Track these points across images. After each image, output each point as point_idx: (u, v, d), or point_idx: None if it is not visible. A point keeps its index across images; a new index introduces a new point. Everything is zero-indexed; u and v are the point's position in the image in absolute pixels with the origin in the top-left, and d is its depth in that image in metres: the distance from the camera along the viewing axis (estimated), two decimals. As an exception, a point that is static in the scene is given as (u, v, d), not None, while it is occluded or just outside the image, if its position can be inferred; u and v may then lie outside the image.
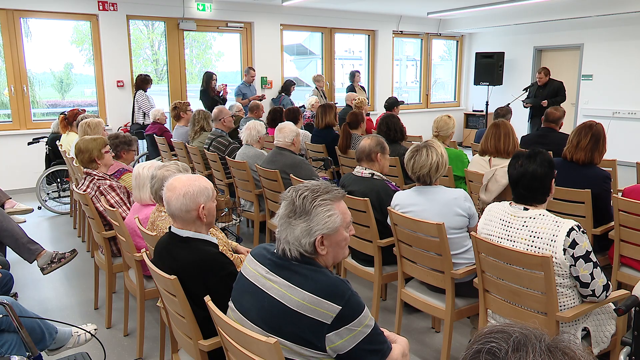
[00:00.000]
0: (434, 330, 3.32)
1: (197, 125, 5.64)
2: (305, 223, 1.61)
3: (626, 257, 3.13)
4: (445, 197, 2.77)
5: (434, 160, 2.79)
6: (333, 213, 1.64)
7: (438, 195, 2.79)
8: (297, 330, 1.55)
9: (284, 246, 1.63)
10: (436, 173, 2.81)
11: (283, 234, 1.64)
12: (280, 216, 1.65)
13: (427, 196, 2.82)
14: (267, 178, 4.19)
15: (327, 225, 1.62)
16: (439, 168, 2.81)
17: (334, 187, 1.71)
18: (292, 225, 1.61)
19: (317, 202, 1.62)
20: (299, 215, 1.62)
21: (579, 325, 2.25)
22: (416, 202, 2.83)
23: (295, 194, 1.64)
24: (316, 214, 1.61)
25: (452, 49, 11.97)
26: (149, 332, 3.23)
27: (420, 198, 2.83)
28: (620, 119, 8.99)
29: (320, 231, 1.61)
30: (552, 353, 0.76)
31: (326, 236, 1.63)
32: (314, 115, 6.98)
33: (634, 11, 7.88)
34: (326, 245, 1.64)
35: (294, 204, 1.63)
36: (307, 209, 1.62)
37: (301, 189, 1.66)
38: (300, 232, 1.60)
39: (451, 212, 2.72)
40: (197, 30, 8.47)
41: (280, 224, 1.65)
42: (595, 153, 3.34)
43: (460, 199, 2.74)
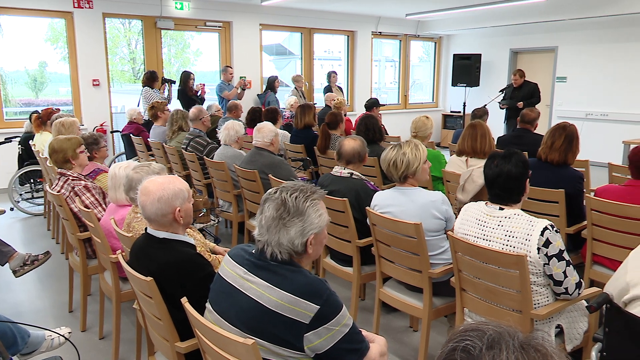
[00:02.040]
0: (412, 330, 3.35)
1: (175, 125, 5.58)
2: (301, 223, 1.60)
3: (598, 255, 3.20)
4: (423, 199, 2.79)
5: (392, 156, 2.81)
6: (322, 212, 1.66)
7: (416, 197, 2.81)
8: (276, 331, 1.55)
9: (273, 250, 1.61)
10: (395, 170, 2.81)
11: (273, 236, 1.60)
12: (269, 218, 1.61)
13: (405, 197, 2.83)
14: (246, 178, 4.17)
15: (319, 225, 1.64)
16: (398, 165, 2.80)
17: (316, 187, 1.71)
18: (287, 226, 1.60)
19: (309, 202, 1.63)
20: (293, 215, 1.60)
21: (553, 323, 2.29)
22: (395, 203, 2.85)
23: (287, 194, 1.63)
24: (309, 214, 1.62)
25: (430, 50, 12.09)
26: (125, 334, 3.19)
27: (398, 199, 2.85)
28: (593, 120, 9.20)
29: (312, 231, 1.62)
30: (524, 350, 0.77)
31: (315, 235, 1.63)
32: (293, 116, 6.97)
33: (606, 15, 8.07)
34: (313, 244, 1.64)
35: (286, 205, 1.61)
36: (300, 209, 1.61)
37: (290, 189, 1.65)
38: (295, 232, 1.60)
39: (428, 214, 2.74)
40: (175, 29, 8.38)
41: (269, 225, 1.61)
42: (568, 154, 3.41)
43: (438, 202, 2.76)
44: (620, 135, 7.70)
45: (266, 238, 1.62)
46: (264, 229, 1.62)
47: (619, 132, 8.45)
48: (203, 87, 7.91)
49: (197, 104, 7.02)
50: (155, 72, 7.51)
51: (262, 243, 1.63)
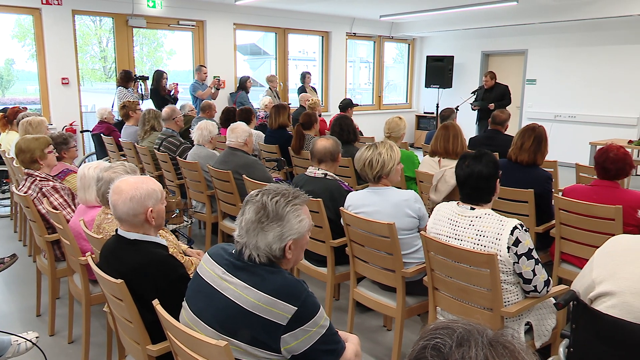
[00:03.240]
0: (386, 329, 3.38)
1: (147, 124, 5.50)
2: (279, 228, 1.59)
3: (566, 253, 3.28)
4: (396, 198, 2.82)
5: (367, 156, 2.84)
6: (303, 218, 1.64)
7: (389, 197, 2.83)
8: (252, 332, 1.54)
9: (251, 252, 1.60)
10: (370, 169, 2.84)
11: (252, 239, 1.59)
12: (248, 220, 1.60)
13: (379, 197, 2.86)
14: (219, 179, 4.14)
15: (298, 230, 1.62)
16: (374, 165, 2.83)
17: (300, 191, 1.70)
18: (265, 231, 1.58)
19: (290, 207, 1.61)
20: (271, 220, 1.59)
21: (522, 320, 2.34)
22: (368, 203, 2.86)
23: (267, 198, 1.62)
24: (289, 220, 1.60)
25: (404, 51, 12.21)
26: (95, 338, 3.12)
27: (372, 199, 2.87)
28: (561, 122, 9.43)
29: (291, 236, 1.61)
30: (493, 347, 0.79)
31: (295, 241, 1.62)
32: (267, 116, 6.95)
33: (574, 19, 8.28)
34: (292, 249, 1.63)
35: (266, 209, 1.60)
36: (280, 214, 1.60)
37: (271, 193, 1.64)
38: (272, 237, 1.59)
39: (402, 213, 2.77)
40: (147, 28, 8.26)
41: (248, 228, 1.60)
42: (537, 154, 3.49)
43: (411, 201, 2.79)
44: (587, 137, 7.91)
45: (245, 240, 1.61)
46: (244, 230, 1.61)
47: (586, 133, 8.69)
48: (176, 86, 7.82)
49: (170, 103, 6.94)
50: (130, 72, 7.39)
51: (241, 245, 1.62)
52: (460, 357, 0.77)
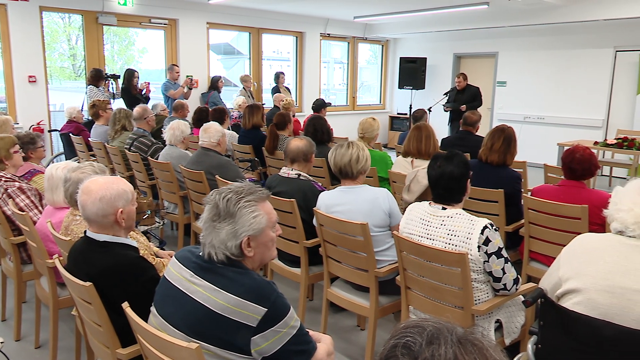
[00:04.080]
0: (360, 328, 3.39)
1: (117, 124, 5.40)
2: (231, 226, 1.59)
3: (535, 252, 3.35)
4: (368, 195, 2.85)
5: (354, 152, 2.91)
6: (258, 214, 1.63)
7: (361, 195, 2.86)
8: (222, 334, 1.53)
9: (209, 250, 1.60)
10: (357, 164, 2.90)
11: (208, 238, 1.60)
12: (205, 220, 1.62)
13: (353, 195, 2.88)
14: (192, 179, 4.10)
15: (253, 227, 1.61)
16: (360, 160, 2.91)
17: (258, 187, 1.70)
18: (217, 229, 1.59)
19: (242, 203, 1.61)
20: (223, 218, 1.59)
21: (492, 318, 2.38)
22: (341, 202, 2.88)
23: (219, 196, 1.62)
24: (241, 216, 1.60)
25: (378, 53, 12.29)
26: (63, 342, 3.05)
27: (344, 197, 2.88)
28: (531, 123, 9.63)
29: (246, 233, 1.60)
30: (462, 344, 0.80)
31: (252, 237, 1.62)
32: (241, 116, 6.90)
33: (543, 23, 8.47)
34: (253, 246, 1.62)
35: (218, 207, 1.60)
36: (231, 211, 1.60)
37: (224, 191, 1.64)
38: (225, 235, 1.58)
39: (374, 210, 2.80)
40: (118, 26, 8.11)
41: (205, 227, 1.62)
42: (507, 155, 3.56)
43: (382, 197, 2.83)
44: (555, 138, 8.10)
45: (204, 240, 1.63)
46: (203, 230, 1.64)
47: (554, 134, 8.89)
48: (148, 85, 7.70)
49: (142, 102, 6.83)
50: (101, 70, 7.24)
51: (203, 244, 1.64)
52: (430, 355, 0.78)
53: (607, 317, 1.71)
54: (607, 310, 1.72)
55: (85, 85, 7.38)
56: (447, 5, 8.20)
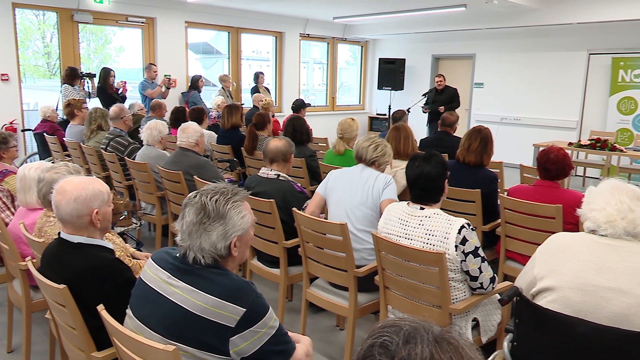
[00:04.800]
0: (339, 328, 3.40)
1: (93, 124, 5.32)
2: (222, 227, 1.58)
3: (511, 251, 3.40)
4: (370, 174, 3.03)
5: (374, 141, 3.16)
6: (245, 214, 1.64)
7: (364, 172, 3.05)
8: (201, 336, 1.52)
9: (195, 254, 1.58)
10: (373, 152, 3.11)
11: (195, 241, 1.57)
12: (189, 223, 1.59)
13: (355, 171, 3.09)
14: (170, 180, 4.05)
15: (242, 227, 1.62)
16: (377, 150, 3.13)
17: (238, 188, 1.70)
18: (208, 231, 1.57)
19: (230, 204, 1.61)
20: (213, 219, 1.58)
21: (470, 316, 2.41)
22: (346, 173, 3.10)
23: (206, 198, 1.60)
24: (230, 217, 1.60)
25: (357, 53, 12.34)
26: (37, 347, 2.99)
27: (348, 171, 3.10)
28: (507, 124, 9.78)
29: (235, 233, 1.60)
30: (438, 343, 0.81)
31: (239, 237, 1.62)
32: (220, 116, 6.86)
33: (519, 26, 8.61)
34: (238, 246, 1.63)
35: (206, 209, 1.58)
36: (221, 212, 1.59)
37: (210, 192, 1.63)
38: (216, 236, 1.57)
39: (367, 184, 2.98)
40: (94, 24, 7.97)
41: (190, 231, 1.58)
42: (484, 155, 3.60)
43: (381, 178, 3.00)
44: (531, 139, 8.23)
45: (188, 243, 1.59)
46: (186, 234, 1.60)
47: (530, 135, 9.04)
48: (124, 84, 7.59)
49: (118, 102, 6.73)
50: (76, 69, 7.11)
51: (185, 248, 1.60)
52: (406, 354, 0.79)
53: (580, 315, 1.75)
54: (581, 307, 1.75)
55: (60, 83, 7.24)
56: (425, 7, 8.28)
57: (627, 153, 6.80)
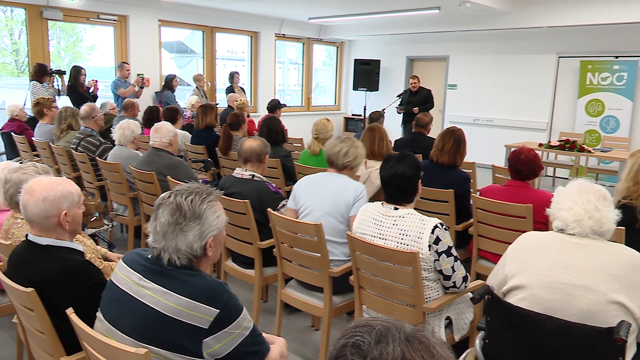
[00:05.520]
0: (314, 329, 3.40)
1: (63, 123, 5.20)
2: (198, 227, 1.57)
3: (483, 250, 3.46)
4: (340, 183, 2.98)
5: (344, 145, 3.07)
6: (220, 213, 1.64)
7: (335, 181, 3.00)
8: (173, 338, 1.50)
9: (170, 256, 1.56)
10: (343, 157, 3.05)
11: (171, 242, 1.55)
12: (164, 224, 1.56)
13: (326, 179, 3.04)
14: (143, 180, 3.99)
15: (217, 226, 1.62)
16: (348, 155, 3.05)
17: (211, 187, 1.69)
18: (185, 231, 1.56)
19: (205, 204, 1.60)
20: (189, 219, 1.57)
21: (443, 315, 2.44)
22: (316, 182, 3.04)
23: (181, 198, 1.59)
24: (206, 217, 1.59)
25: (333, 54, 12.37)
26: (4, 352, 2.91)
27: (320, 179, 3.06)
28: (480, 125, 9.94)
29: (211, 233, 1.60)
30: (409, 342, 0.82)
31: (214, 237, 1.61)
32: (194, 116, 6.79)
33: (491, 29, 8.77)
34: (213, 246, 1.62)
35: (182, 209, 1.57)
36: (197, 212, 1.58)
37: (184, 192, 1.61)
38: (193, 237, 1.56)
39: (338, 197, 2.92)
40: (64, 21, 7.80)
41: (165, 232, 1.56)
42: (457, 156, 3.65)
43: (352, 189, 2.93)
44: (503, 140, 8.38)
45: (162, 245, 1.57)
46: (160, 235, 1.57)
47: (502, 136, 9.19)
48: (96, 83, 7.45)
49: (89, 101, 6.59)
50: (45, 66, 6.94)
51: (159, 250, 1.58)
52: (378, 354, 0.80)
53: (549, 312, 1.79)
54: (550, 305, 1.79)
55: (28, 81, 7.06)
56: (399, 9, 8.35)
57: (595, 154, 6.99)
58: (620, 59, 8.19)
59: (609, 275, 1.74)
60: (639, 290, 1.74)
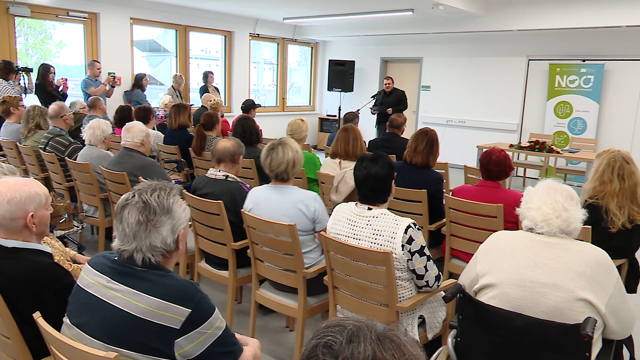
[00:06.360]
0: (288, 329, 3.39)
1: (31, 122, 5.07)
2: (170, 221, 1.58)
3: (456, 249, 3.50)
4: (294, 198, 2.86)
5: (290, 157, 2.89)
6: (185, 206, 1.65)
7: (287, 196, 2.87)
8: (144, 339, 1.48)
9: (144, 255, 1.54)
10: (293, 169, 2.91)
11: (144, 241, 1.54)
12: (134, 224, 1.54)
13: (279, 195, 2.88)
14: (114, 181, 3.93)
15: (186, 218, 1.64)
16: (296, 164, 2.91)
17: (170, 183, 1.70)
18: (157, 227, 1.55)
19: (172, 198, 1.61)
20: (160, 215, 1.56)
21: (416, 314, 2.46)
22: (268, 201, 2.88)
23: (147, 195, 1.58)
24: (175, 210, 1.60)
25: (307, 55, 12.37)
26: (-32, 358, 2.82)
27: (271, 196, 2.89)
28: (453, 126, 10.08)
29: (181, 226, 1.61)
30: (380, 341, 0.83)
31: (183, 230, 1.63)
32: (167, 115, 6.70)
33: (463, 31, 8.90)
34: (182, 239, 1.63)
35: (150, 206, 1.56)
36: (166, 207, 1.58)
37: (148, 190, 1.60)
38: (166, 231, 1.57)
39: (297, 214, 2.81)
40: (32, 17, 7.60)
41: (136, 232, 1.54)
42: (430, 157, 3.70)
43: (307, 202, 2.84)
44: (475, 141, 8.52)
45: (134, 245, 1.55)
46: (130, 236, 1.55)
47: (474, 137, 9.35)
48: (65, 81, 7.28)
49: (58, 100, 6.44)
50: (11, 62, 6.74)
51: (129, 252, 1.56)
52: (350, 354, 0.80)
53: (519, 309, 1.82)
54: (519, 302, 1.83)
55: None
56: (374, 10, 8.40)
57: (563, 155, 7.17)
58: (587, 62, 8.42)
59: (575, 273, 1.78)
60: (604, 287, 1.79)
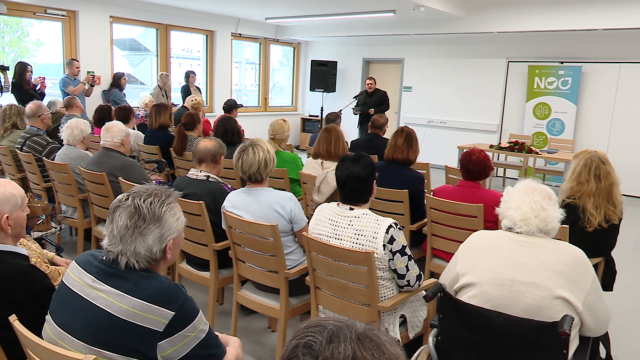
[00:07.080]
0: (271, 330, 3.39)
1: (7, 122, 4.98)
2: (158, 230, 1.54)
3: (437, 249, 3.54)
4: (269, 200, 2.83)
5: (261, 157, 2.86)
6: (179, 216, 1.62)
7: (262, 199, 2.85)
8: (127, 341, 1.46)
9: (128, 259, 1.52)
10: (265, 169, 2.87)
11: (129, 246, 1.51)
12: (122, 227, 1.52)
13: (251, 198, 2.87)
14: (93, 181, 3.87)
15: (177, 229, 1.60)
16: (267, 164, 2.88)
17: (170, 189, 1.66)
18: (144, 234, 1.52)
19: (165, 206, 1.57)
20: (149, 222, 1.53)
21: (397, 313, 2.48)
22: (244, 204, 2.87)
23: (139, 200, 1.55)
24: (166, 219, 1.56)
25: (290, 55, 12.35)
26: (-59, 363, 2.75)
27: (247, 199, 2.87)
28: (434, 127, 10.17)
29: (171, 236, 1.57)
30: (360, 341, 0.83)
31: (174, 239, 1.59)
32: (147, 115, 6.63)
33: (444, 33, 8.98)
34: (172, 248, 1.59)
35: (141, 212, 1.53)
36: (157, 215, 1.54)
37: (142, 194, 1.57)
38: (152, 240, 1.53)
39: (273, 215, 2.79)
40: (9, 15, 7.46)
41: (123, 235, 1.52)
42: (410, 151, 3.73)
43: (283, 203, 2.82)
44: (456, 141, 8.61)
45: (120, 248, 1.52)
46: (117, 239, 1.53)
47: (455, 138, 9.44)
48: (43, 80, 7.15)
49: (36, 99, 6.32)
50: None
51: (115, 253, 1.54)
52: (330, 354, 0.80)
53: (498, 308, 1.84)
54: (498, 301, 1.85)
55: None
56: (356, 11, 8.43)
57: (542, 155, 7.28)
58: (565, 64, 8.56)
59: (553, 272, 1.81)
60: (581, 285, 1.82)
